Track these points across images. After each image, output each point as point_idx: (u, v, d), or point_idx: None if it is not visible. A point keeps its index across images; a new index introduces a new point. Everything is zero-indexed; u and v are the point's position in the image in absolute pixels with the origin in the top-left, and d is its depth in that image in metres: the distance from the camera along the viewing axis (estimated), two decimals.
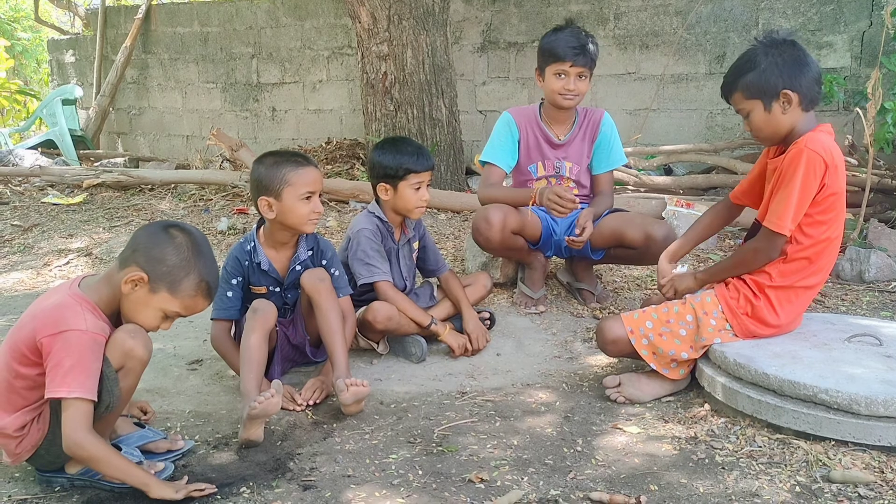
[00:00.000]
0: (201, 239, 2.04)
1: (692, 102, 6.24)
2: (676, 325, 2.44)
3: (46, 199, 6.00)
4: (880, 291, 3.49)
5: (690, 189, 5.39)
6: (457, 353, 2.90)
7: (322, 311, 2.51)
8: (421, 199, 2.88)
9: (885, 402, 2.00)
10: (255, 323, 2.43)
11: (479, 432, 2.28)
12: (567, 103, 3.18)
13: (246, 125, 8.24)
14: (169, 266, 1.95)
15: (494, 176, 3.27)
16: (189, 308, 2.01)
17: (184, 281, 1.96)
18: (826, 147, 2.28)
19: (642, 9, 6.28)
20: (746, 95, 2.36)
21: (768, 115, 2.35)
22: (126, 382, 1.98)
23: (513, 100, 6.77)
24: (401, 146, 2.92)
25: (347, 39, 7.38)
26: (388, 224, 2.93)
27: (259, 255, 2.60)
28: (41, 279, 4.10)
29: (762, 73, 2.31)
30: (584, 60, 3.10)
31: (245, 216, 5.21)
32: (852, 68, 5.68)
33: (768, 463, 2.03)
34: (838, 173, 2.31)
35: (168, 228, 2.00)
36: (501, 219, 3.11)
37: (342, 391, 2.32)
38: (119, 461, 1.88)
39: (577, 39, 3.10)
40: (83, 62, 9.35)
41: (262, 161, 2.58)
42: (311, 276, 2.57)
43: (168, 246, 1.96)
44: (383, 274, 2.86)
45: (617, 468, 2.05)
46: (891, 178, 4.45)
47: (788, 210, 2.28)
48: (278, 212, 2.52)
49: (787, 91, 2.31)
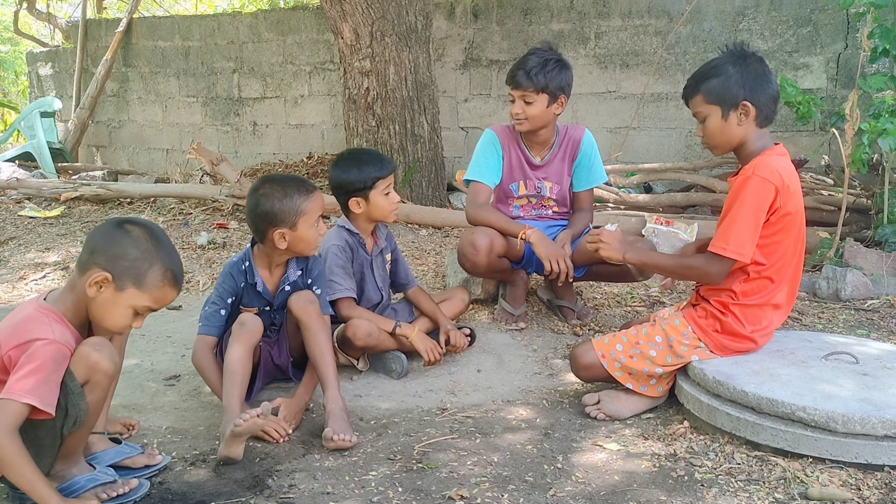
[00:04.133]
0: (158, 230, 2.00)
1: (672, 121, 6.31)
2: (646, 347, 2.46)
3: (23, 212, 5.93)
4: (856, 310, 3.53)
5: (670, 207, 5.44)
6: (426, 359, 2.85)
7: (311, 333, 2.47)
8: (393, 201, 2.88)
9: (861, 419, 2.02)
10: (241, 337, 2.40)
11: (459, 449, 2.27)
12: (518, 127, 3.19)
13: (227, 139, 8.22)
14: (131, 260, 1.91)
15: (482, 194, 3.24)
16: (159, 300, 1.97)
17: (148, 273, 1.92)
18: (775, 171, 2.32)
19: (623, 28, 6.35)
20: (707, 100, 2.40)
21: (723, 124, 2.39)
22: (93, 396, 1.93)
23: (494, 117, 6.81)
24: (360, 158, 2.93)
25: (330, 55, 7.40)
26: (359, 236, 2.92)
27: (255, 277, 2.58)
28: (17, 293, 4.05)
29: (726, 81, 2.36)
30: (524, 83, 3.06)
31: (225, 231, 5.18)
32: (828, 89, 5.77)
33: (747, 480, 2.04)
34: (790, 193, 2.35)
35: (122, 224, 1.96)
36: (488, 244, 3.09)
37: (327, 440, 2.26)
38: (29, 472, 1.77)
39: (523, 63, 3.08)
40: (63, 75, 9.29)
41: (267, 193, 2.50)
42: (300, 298, 2.53)
43: (125, 240, 1.92)
44: (345, 290, 2.83)
45: (597, 485, 2.05)
46: (866, 197, 4.52)
47: (737, 235, 2.32)
48: (291, 241, 2.50)
49: (746, 102, 2.35)
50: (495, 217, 3.19)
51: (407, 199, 5.51)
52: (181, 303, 3.75)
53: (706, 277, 2.47)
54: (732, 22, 5.99)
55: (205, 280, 4.13)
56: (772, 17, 5.88)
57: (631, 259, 2.62)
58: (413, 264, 4.32)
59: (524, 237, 3.04)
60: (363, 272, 2.95)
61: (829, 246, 4.06)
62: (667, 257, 2.75)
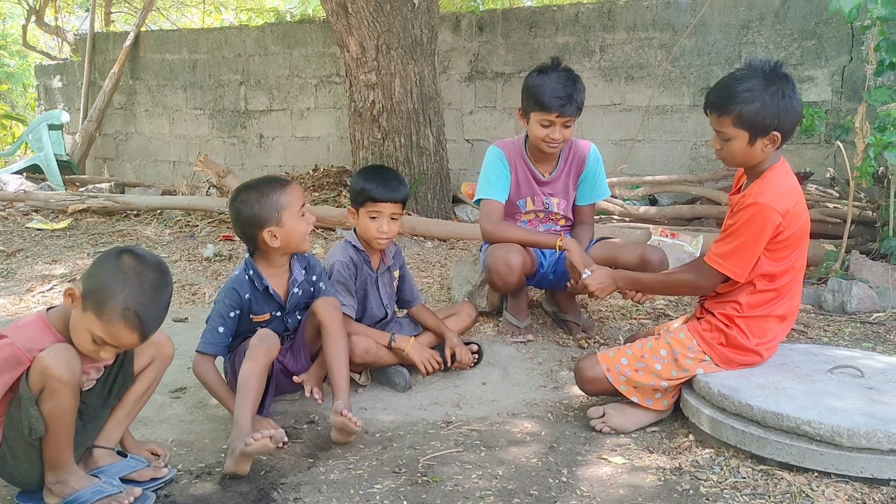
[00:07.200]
0: (154, 269, 1.92)
1: (677, 134, 6.32)
2: (651, 360, 2.46)
3: (31, 224, 5.97)
4: (862, 323, 3.52)
5: (675, 219, 5.45)
6: (423, 371, 2.86)
7: (332, 339, 2.51)
8: (378, 229, 2.82)
9: (866, 434, 2.01)
10: (258, 352, 2.39)
11: (464, 462, 2.27)
12: (551, 151, 3.17)
13: (233, 152, 8.25)
14: (100, 284, 1.87)
15: (497, 211, 3.21)
16: (112, 336, 1.87)
17: (108, 302, 1.84)
18: (780, 197, 2.33)
19: (627, 42, 6.37)
20: (736, 124, 2.35)
21: (749, 148, 2.37)
22: (52, 403, 1.86)
23: (500, 129, 6.83)
24: (374, 172, 2.91)
25: (336, 68, 7.44)
26: (364, 253, 2.90)
27: (264, 281, 2.58)
28: (23, 305, 4.07)
29: (761, 110, 2.31)
30: (571, 110, 3.05)
31: (231, 243, 5.20)
32: (833, 102, 5.78)
33: (752, 494, 2.03)
34: (795, 216, 2.36)
35: (124, 251, 1.92)
36: (521, 263, 3.10)
37: (335, 414, 2.30)
38: None
39: (564, 88, 3.02)
40: (70, 87, 9.36)
41: (245, 200, 2.52)
42: (326, 304, 2.57)
43: (109, 265, 1.89)
44: (344, 307, 2.79)
45: (602, 499, 2.04)
46: (871, 210, 4.51)
47: (739, 257, 2.35)
48: (282, 238, 2.51)
49: (776, 133, 2.34)
50: (521, 232, 3.18)
51: (412, 212, 5.53)
52: (187, 315, 3.76)
53: (696, 290, 2.52)
54: (737, 35, 6.01)
55: (210, 292, 4.14)
56: (776, 31, 5.90)
57: (623, 286, 2.75)
58: (418, 276, 4.33)
59: (561, 246, 3.00)
60: (367, 289, 2.93)
61: (834, 259, 4.06)
62: (654, 277, 2.77)
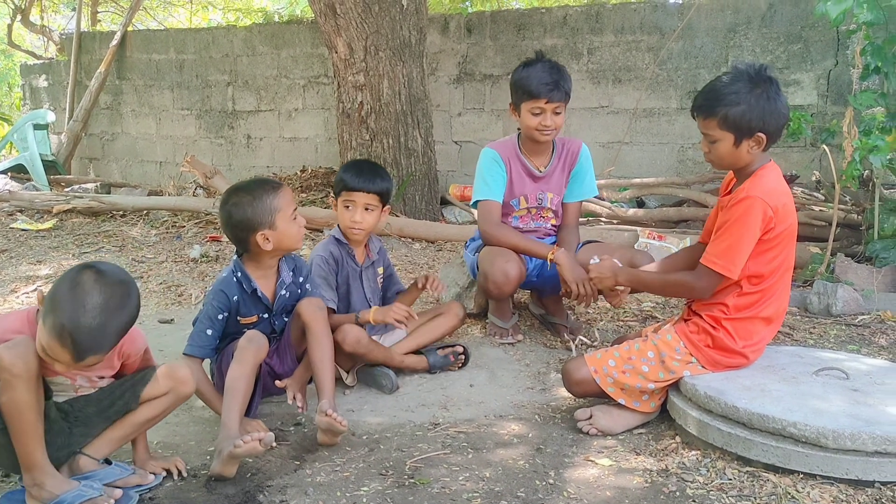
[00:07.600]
0: (109, 291, 1.87)
1: (664, 136, 6.35)
2: (638, 362, 2.47)
3: (15, 225, 5.92)
4: (847, 325, 3.54)
5: (662, 221, 5.47)
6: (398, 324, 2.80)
7: (317, 339, 2.51)
8: (351, 219, 2.88)
9: (851, 435, 2.03)
10: (247, 354, 2.38)
11: (451, 464, 2.27)
12: (545, 138, 3.20)
13: (221, 152, 8.22)
14: (52, 296, 1.86)
15: (496, 212, 3.23)
16: (50, 349, 1.84)
17: (50, 316, 1.82)
18: (772, 191, 2.36)
19: (615, 44, 6.39)
20: (722, 126, 2.38)
21: (734, 149, 2.40)
22: (7, 397, 1.84)
23: (488, 131, 6.84)
24: (355, 163, 2.98)
25: (324, 69, 7.43)
26: (347, 246, 2.94)
27: (253, 283, 2.57)
28: (7, 305, 4.03)
29: (746, 112, 2.34)
30: (559, 96, 3.10)
31: (218, 244, 5.18)
32: (819, 106, 5.82)
33: (738, 496, 2.04)
34: (785, 212, 2.38)
35: (88, 268, 1.89)
36: (518, 275, 3.11)
37: (320, 414, 2.30)
38: None
39: (550, 75, 3.09)
40: (56, 87, 9.30)
41: (237, 203, 2.50)
42: (311, 304, 2.57)
43: (66, 278, 1.88)
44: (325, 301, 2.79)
45: (589, 501, 2.04)
46: (857, 213, 4.54)
47: (732, 253, 2.36)
48: (275, 241, 2.51)
49: (760, 134, 2.36)
50: (518, 238, 3.18)
51: (400, 213, 5.52)
52: (173, 316, 3.74)
53: (693, 292, 2.52)
54: (724, 38, 6.04)
55: (197, 293, 4.12)
56: (763, 34, 5.94)
57: (623, 282, 2.74)
58: (406, 278, 4.32)
59: (553, 259, 3.03)
60: (349, 283, 2.95)
61: (820, 261, 4.08)
62: (653, 276, 2.76)
